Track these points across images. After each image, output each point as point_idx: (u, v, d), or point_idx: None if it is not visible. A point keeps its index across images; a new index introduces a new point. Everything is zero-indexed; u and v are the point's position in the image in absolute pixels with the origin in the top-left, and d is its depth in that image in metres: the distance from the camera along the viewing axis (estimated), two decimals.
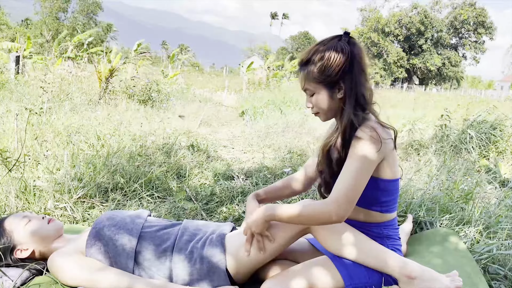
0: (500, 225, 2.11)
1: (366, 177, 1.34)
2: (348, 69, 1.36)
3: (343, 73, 1.37)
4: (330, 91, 1.40)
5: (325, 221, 1.37)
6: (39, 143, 3.26)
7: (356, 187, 1.32)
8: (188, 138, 4.37)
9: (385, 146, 1.34)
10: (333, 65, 1.36)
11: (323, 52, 1.38)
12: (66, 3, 39.79)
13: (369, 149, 1.32)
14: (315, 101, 1.44)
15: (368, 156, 1.32)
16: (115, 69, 7.25)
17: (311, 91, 1.44)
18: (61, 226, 1.74)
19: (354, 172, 1.32)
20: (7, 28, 34.17)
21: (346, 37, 1.39)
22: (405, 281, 1.37)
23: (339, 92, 1.40)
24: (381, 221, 1.48)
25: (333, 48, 1.37)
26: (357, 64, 1.37)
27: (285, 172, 3.21)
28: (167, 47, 60.49)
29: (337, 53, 1.36)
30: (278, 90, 10.87)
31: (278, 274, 1.50)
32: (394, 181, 1.44)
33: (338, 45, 1.37)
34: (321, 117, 1.48)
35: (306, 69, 1.42)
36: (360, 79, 1.38)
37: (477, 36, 43.64)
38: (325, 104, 1.42)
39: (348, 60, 1.36)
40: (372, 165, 1.34)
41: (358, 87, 1.38)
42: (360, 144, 1.33)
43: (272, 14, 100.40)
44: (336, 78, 1.38)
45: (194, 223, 1.70)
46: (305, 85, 1.44)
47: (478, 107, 6.25)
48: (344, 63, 1.36)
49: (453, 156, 4.19)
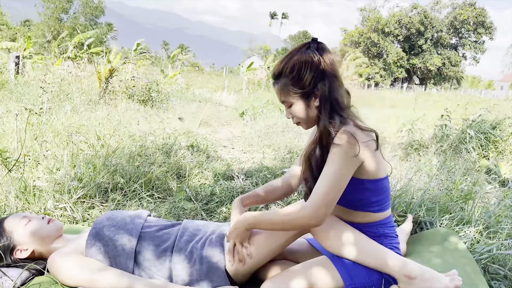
0: (500, 225, 2.11)
1: (344, 181, 1.34)
2: (320, 76, 1.36)
3: (316, 81, 1.37)
4: (306, 100, 1.41)
5: (303, 226, 1.38)
6: (39, 143, 3.26)
7: (333, 190, 1.32)
8: (188, 138, 4.37)
9: (365, 148, 1.34)
10: (305, 75, 1.36)
11: (293, 63, 1.38)
12: (68, 3, 39.80)
13: (345, 153, 1.32)
14: (294, 112, 1.44)
15: (344, 160, 1.32)
16: (115, 69, 7.25)
17: (288, 102, 1.44)
18: (61, 226, 1.74)
19: (330, 176, 1.33)
20: (7, 29, 34.17)
21: (314, 44, 1.39)
22: (405, 281, 1.37)
23: (315, 100, 1.40)
24: (376, 220, 1.48)
25: (303, 58, 1.37)
26: (328, 70, 1.37)
27: (285, 172, 3.21)
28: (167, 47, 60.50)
29: (307, 63, 1.36)
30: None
31: (278, 274, 1.50)
32: (381, 180, 1.43)
33: (306, 54, 1.37)
34: (303, 126, 1.48)
35: (279, 82, 1.43)
36: (333, 85, 1.38)
37: (477, 36, 43.62)
38: (303, 113, 1.43)
39: (319, 67, 1.36)
40: (349, 169, 1.34)
41: (332, 93, 1.38)
42: (336, 149, 1.33)
43: (272, 14, 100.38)
44: (309, 87, 1.38)
45: (194, 223, 1.70)
46: (282, 98, 1.45)
47: (478, 106, 6.24)
48: (315, 71, 1.36)
49: (453, 156, 4.19)
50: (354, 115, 1.42)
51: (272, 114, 7.15)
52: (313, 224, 1.35)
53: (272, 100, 8.35)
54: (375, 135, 1.39)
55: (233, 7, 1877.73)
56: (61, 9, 39.25)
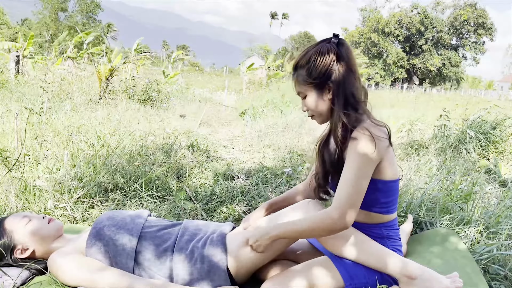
0: (500, 225, 2.11)
1: (366, 180, 1.34)
2: (334, 69, 1.38)
3: (330, 73, 1.38)
4: (319, 92, 1.42)
5: (331, 231, 1.37)
6: (39, 143, 3.26)
7: (358, 191, 1.32)
8: (188, 138, 4.37)
9: (381, 145, 1.34)
10: (319, 67, 1.38)
11: (310, 55, 1.41)
12: (65, 1, 39.74)
13: (366, 150, 1.32)
14: (307, 103, 1.46)
15: (366, 157, 1.32)
16: (115, 69, 7.25)
17: (303, 93, 1.46)
18: (61, 226, 1.74)
19: (354, 176, 1.32)
20: (7, 28, 34.16)
21: (335, 39, 1.41)
22: (405, 281, 1.37)
23: (329, 92, 1.41)
24: (381, 222, 1.48)
25: (319, 50, 1.39)
26: (345, 64, 1.38)
27: (285, 172, 3.21)
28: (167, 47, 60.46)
29: (322, 55, 1.38)
30: (278, 90, 10.87)
31: (278, 274, 1.50)
32: (393, 182, 1.43)
33: (324, 47, 1.39)
34: (316, 119, 1.49)
35: (295, 73, 1.46)
36: (349, 79, 1.39)
37: (477, 37, 43.65)
38: (316, 105, 1.44)
39: (335, 60, 1.37)
40: (371, 167, 1.34)
41: (347, 87, 1.39)
42: (356, 146, 1.33)
43: (272, 14, 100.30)
44: (323, 79, 1.39)
45: (194, 223, 1.70)
46: (297, 89, 1.47)
47: (478, 107, 6.24)
48: (330, 64, 1.38)
49: (453, 156, 4.19)
50: (368, 111, 1.43)
51: (272, 114, 7.15)
52: (341, 228, 1.34)
53: (272, 100, 8.35)
54: (387, 131, 1.39)
55: (234, 7, 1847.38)
56: (58, 7, 39.18)
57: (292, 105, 8.26)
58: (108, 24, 45.14)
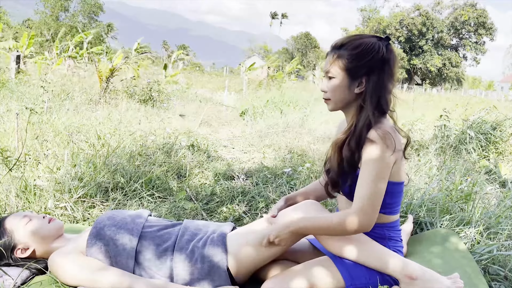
0: (500, 225, 2.12)
1: (385, 181, 1.35)
2: (376, 69, 1.37)
3: (370, 71, 1.37)
4: (350, 81, 1.40)
5: (352, 232, 1.37)
6: (40, 143, 3.26)
7: (378, 193, 1.33)
8: (188, 138, 4.37)
9: (399, 151, 1.36)
10: (363, 58, 1.37)
11: (360, 42, 1.39)
12: (67, 1, 39.70)
13: (384, 152, 1.32)
14: (332, 86, 1.43)
15: (384, 159, 1.33)
16: (116, 68, 7.25)
17: (332, 73, 1.43)
18: (61, 226, 1.74)
19: (374, 177, 1.33)
20: (8, 28, 34.15)
21: (386, 41, 1.40)
22: (406, 282, 1.37)
23: (358, 87, 1.40)
24: (384, 222, 1.48)
25: (370, 44, 1.38)
26: (388, 69, 1.38)
27: (285, 172, 3.21)
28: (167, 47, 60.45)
29: (371, 50, 1.37)
30: (278, 90, 10.87)
31: (279, 274, 1.50)
32: (399, 184, 1.44)
33: (376, 43, 1.38)
34: (330, 104, 1.47)
35: (337, 52, 1.42)
36: (387, 84, 1.39)
37: (477, 37, 43.61)
38: (340, 92, 1.42)
39: (380, 61, 1.37)
40: (388, 168, 1.35)
41: (383, 90, 1.38)
42: (374, 147, 1.33)
43: (272, 14, 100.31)
44: (361, 72, 1.38)
45: (194, 223, 1.70)
46: (330, 68, 1.43)
47: (478, 107, 6.24)
48: (374, 61, 1.37)
49: (453, 156, 4.18)
50: (394, 118, 1.43)
51: (272, 114, 7.14)
52: (360, 230, 1.35)
53: (272, 100, 8.34)
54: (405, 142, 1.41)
55: (237, 7, 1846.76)
56: (60, 7, 39.15)
57: (292, 105, 8.26)
58: (109, 24, 45.08)
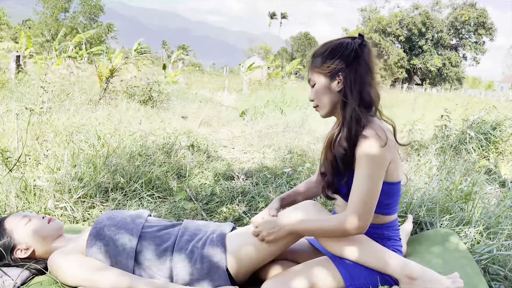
0: (500, 225, 2.11)
1: (380, 182, 1.35)
2: (350, 63, 1.38)
3: (344, 66, 1.39)
4: (329, 81, 1.42)
5: (346, 235, 1.38)
6: (40, 143, 3.26)
7: (373, 194, 1.33)
8: (188, 138, 4.37)
9: (392, 147, 1.36)
10: (334, 56, 1.40)
11: (330, 45, 1.44)
12: (68, 2, 39.68)
13: (378, 151, 1.32)
14: (315, 92, 1.47)
15: (379, 160, 1.33)
16: (116, 69, 7.25)
17: (313, 81, 1.47)
18: (61, 226, 1.74)
19: (368, 179, 1.32)
20: (8, 28, 34.16)
21: (359, 39, 1.43)
22: (406, 282, 1.37)
23: (338, 84, 1.41)
24: (382, 222, 1.48)
25: (339, 43, 1.42)
26: (364, 63, 1.39)
27: (285, 172, 3.21)
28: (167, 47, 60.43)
29: (341, 47, 1.40)
30: (278, 90, 10.87)
31: (279, 274, 1.50)
32: (396, 184, 1.44)
33: (345, 41, 1.42)
34: (320, 110, 1.48)
35: (312, 60, 1.48)
36: (366, 78, 1.40)
37: (477, 37, 43.60)
38: (323, 94, 1.44)
39: (351, 55, 1.39)
40: (384, 167, 1.35)
41: (362, 84, 1.39)
42: (368, 145, 1.33)
43: (270, 14, 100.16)
44: (336, 69, 1.40)
45: (194, 223, 1.70)
46: (309, 75, 1.49)
47: (478, 107, 6.24)
48: (345, 56, 1.39)
49: (453, 156, 4.18)
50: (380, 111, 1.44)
51: (272, 114, 7.15)
52: (355, 232, 1.36)
53: (272, 100, 8.35)
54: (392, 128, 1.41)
55: (238, 8, 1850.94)
56: (60, 8, 39.14)
57: (293, 105, 8.26)
58: (109, 24, 45.08)
